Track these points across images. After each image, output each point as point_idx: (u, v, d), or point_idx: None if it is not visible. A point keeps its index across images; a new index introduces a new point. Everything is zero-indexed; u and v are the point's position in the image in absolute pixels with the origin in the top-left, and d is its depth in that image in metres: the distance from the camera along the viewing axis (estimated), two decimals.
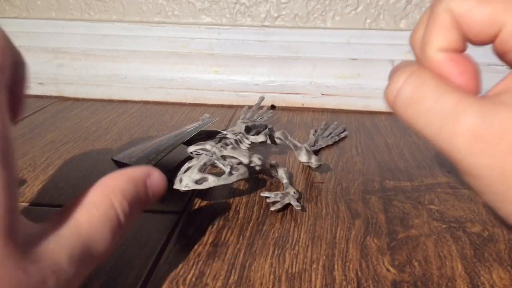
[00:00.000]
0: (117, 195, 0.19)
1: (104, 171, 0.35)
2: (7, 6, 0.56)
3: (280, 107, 0.51)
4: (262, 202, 0.30)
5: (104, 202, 0.19)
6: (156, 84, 0.52)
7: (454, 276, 0.23)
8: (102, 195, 0.19)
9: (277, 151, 0.39)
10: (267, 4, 0.51)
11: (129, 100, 0.53)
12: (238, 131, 0.35)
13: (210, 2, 0.52)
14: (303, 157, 0.34)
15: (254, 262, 0.24)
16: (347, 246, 0.25)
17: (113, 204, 0.19)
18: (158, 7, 0.53)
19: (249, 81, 0.51)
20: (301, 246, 0.26)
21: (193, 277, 0.23)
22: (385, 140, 0.41)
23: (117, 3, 0.54)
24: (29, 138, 0.42)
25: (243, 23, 0.53)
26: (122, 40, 0.53)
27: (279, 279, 0.23)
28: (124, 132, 0.43)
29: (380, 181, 0.33)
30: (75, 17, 0.55)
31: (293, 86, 0.50)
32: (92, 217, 0.18)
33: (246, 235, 0.27)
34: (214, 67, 0.52)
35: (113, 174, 0.20)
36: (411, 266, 0.24)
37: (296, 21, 0.51)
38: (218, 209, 0.30)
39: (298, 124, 0.46)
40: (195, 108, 0.51)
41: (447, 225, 0.28)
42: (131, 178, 0.20)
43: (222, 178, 0.28)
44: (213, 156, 0.29)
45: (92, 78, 0.53)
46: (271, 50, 0.51)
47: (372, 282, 0.23)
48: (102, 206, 0.19)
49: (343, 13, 0.51)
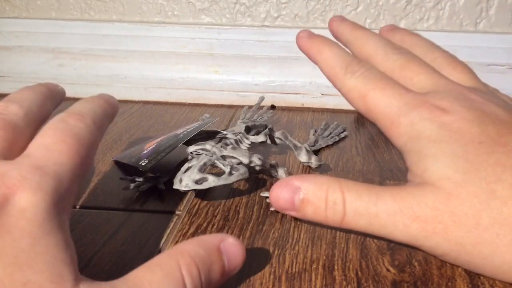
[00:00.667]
0: (185, 257, 0.18)
1: (104, 171, 0.35)
2: (7, 6, 0.56)
3: (280, 107, 0.51)
4: (262, 202, 0.30)
5: (169, 264, 0.18)
6: (156, 84, 0.52)
7: (454, 276, 0.23)
8: (169, 257, 0.18)
9: (277, 151, 0.39)
10: (267, 4, 0.51)
11: (129, 100, 0.53)
12: (238, 131, 0.35)
13: (210, 2, 0.52)
14: (303, 157, 0.34)
15: (254, 262, 0.24)
16: (347, 246, 0.25)
17: (179, 265, 0.18)
18: (158, 7, 0.53)
19: (249, 81, 0.51)
20: (301, 246, 0.26)
21: None
22: (385, 140, 0.41)
23: (117, 3, 0.54)
24: None
25: (243, 23, 0.53)
26: (122, 40, 0.53)
27: (279, 279, 0.23)
28: (124, 132, 0.43)
29: (380, 181, 0.33)
30: (75, 17, 0.55)
31: (293, 86, 0.50)
32: (154, 276, 0.17)
33: (246, 235, 0.27)
34: (214, 67, 0.52)
35: (188, 240, 0.19)
36: (411, 266, 0.24)
37: (296, 21, 0.51)
38: (218, 209, 0.30)
39: (298, 124, 0.46)
40: (195, 108, 0.51)
41: None
42: (201, 242, 0.19)
43: (222, 178, 0.28)
44: (213, 156, 0.29)
45: (92, 78, 0.53)
46: (271, 50, 0.51)
47: (372, 282, 0.23)
48: (167, 267, 0.18)
49: (343, 13, 0.51)
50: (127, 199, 0.31)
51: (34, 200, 0.17)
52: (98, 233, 0.27)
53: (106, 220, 0.28)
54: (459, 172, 0.22)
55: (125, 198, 0.31)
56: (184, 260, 0.18)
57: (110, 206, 0.30)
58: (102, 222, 0.28)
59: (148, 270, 0.18)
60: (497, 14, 0.49)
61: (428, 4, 0.49)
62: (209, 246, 0.19)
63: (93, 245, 0.26)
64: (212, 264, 0.19)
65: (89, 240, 0.26)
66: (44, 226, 0.17)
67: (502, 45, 0.48)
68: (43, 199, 0.18)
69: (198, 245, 0.19)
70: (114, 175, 0.34)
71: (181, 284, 0.17)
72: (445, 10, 0.50)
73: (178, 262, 0.18)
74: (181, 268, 0.18)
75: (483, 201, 0.21)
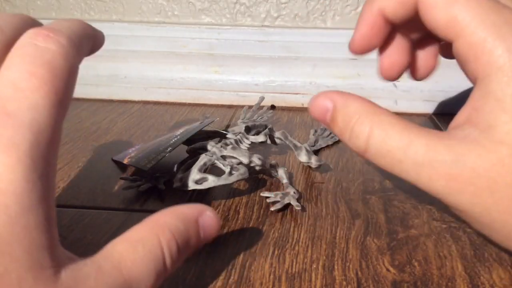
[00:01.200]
0: (166, 234, 0.18)
1: (104, 171, 0.35)
2: (7, 6, 0.56)
3: (280, 107, 0.51)
4: (262, 202, 0.30)
5: (151, 240, 0.17)
6: (156, 84, 0.52)
7: (454, 276, 0.23)
8: (150, 232, 0.18)
9: (277, 151, 0.39)
10: (267, 4, 0.51)
11: (129, 100, 0.53)
12: (238, 131, 0.35)
13: (210, 2, 0.52)
14: (303, 157, 0.34)
15: (254, 262, 0.24)
16: (347, 246, 0.25)
17: (160, 243, 0.17)
18: (158, 7, 0.53)
19: (249, 81, 0.51)
20: (301, 246, 0.26)
21: (193, 277, 0.23)
22: None
23: (117, 3, 0.54)
24: None
25: (243, 23, 0.53)
26: (122, 40, 0.53)
27: (279, 279, 0.23)
28: (124, 132, 0.43)
29: (380, 181, 0.33)
30: (75, 17, 0.55)
31: (293, 86, 0.50)
32: (136, 255, 0.17)
33: (246, 235, 0.27)
34: (214, 67, 0.52)
35: (164, 210, 0.19)
36: (411, 266, 0.24)
37: (296, 21, 0.51)
38: (218, 209, 0.30)
39: (298, 124, 0.46)
40: (195, 108, 0.51)
41: (447, 225, 0.28)
42: (182, 215, 0.19)
43: (222, 178, 0.28)
44: (213, 156, 0.29)
45: (92, 78, 0.53)
46: (271, 50, 0.51)
47: (372, 282, 0.23)
48: (149, 244, 0.17)
49: (343, 13, 0.51)
50: (127, 199, 0.31)
51: (9, 163, 0.14)
52: (98, 233, 0.27)
53: (106, 220, 0.28)
54: None
55: (125, 198, 0.31)
56: (164, 236, 0.18)
57: (110, 206, 0.30)
58: (102, 222, 0.28)
59: (131, 247, 0.17)
60: None
61: None
62: (189, 220, 0.19)
63: (93, 245, 0.26)
64: (189, 238, 0.19)
65: (89, 240, 0.26)
66: (23, 200, 0.14)
67: None
68: (19, 161, 0.15)
69: (178, 219, 0.19)
70: (114, 175, 0.34)
71: (162, 262, 0.17)
72: None
73: (159, 238, 0.18)
74: (162, 245, 0.17)
75: None
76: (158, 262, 0.17)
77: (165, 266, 0.18)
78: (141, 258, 0.17)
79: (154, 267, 0.17)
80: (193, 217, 0.19)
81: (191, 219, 0.19)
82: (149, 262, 0.17)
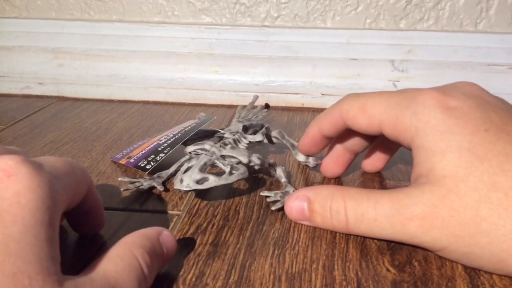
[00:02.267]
0: (137, 248, 0.21)
1: (104, 171, 0.35)
2: (7, 6, 0.56)
3: (280, 107, 0.51)
4: (262, 202, 0.30)
5: (127, 254, 0.20)
6: (156, 84, 0.52)
7: (454, 276, 0.23)
8: (124, 249, 0.21)
9: (276, 150, 0.39)
10: (267, 4, 0.51)
11: (129, 100, 0.53)
12: (235, 131, 0.35)
13: (210, 2, 0.52)
14: (300, 156, 0.34)
15: (254, 262, 0.24)
16: (347, 246, 0.25)
17: (135, 255, 0.20)
18: (158, 7, 0.53)
19: (249, 81, 0.51)
20: (301, 246, 0.26)
21: (193, 277, 0.23)
22: None
23: (117, 3, 0.54)
24: (29, 138, 0.42)
25: (243, 23, 0.53)
26: (122, 40, 0.53)
27: (279, 279, 0.23)
28: (124, 132, 0.43)
29: (380, 181, 0.33)
30: (75, 17, 0.55)
31: (293, 86, 0.50)
32: (118, 267, 0.19)
33: (246, 235, 0.27)
34: (214, 67, 0.52)
35: (130, 234, 0.22)
36: (411, 266, 0.24)
37: (296, 21, 0.51)
38: (218, 209, 0.30)
39: (298, 124, 0.46)
40: (195, 108, 0.51)
41: None
42: (145, 235, 0.22)
43: (223, 178, 0.28)
44: (213, 156, 0.29)
45: (92, 78, 0.53)
46: (271, 50, 0.51)
47: (372, 282, 0.23)
48: (126, 257, 0.20)
49: (343, 13, 0.51)
50: (127, 199, 0.31)
51: (31, 185, 0.17)
52: (98, 233, 0.27)
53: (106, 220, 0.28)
54: (462, 167, 0.22)
55: (125, 198, 0.31)
56: (137, 250, 0.21)
57: (110, 206, 0.30)
58: None
59: (111, 262, 0.20)
60: (497, 14, 0.49)
61: (428, 4, 0.49)
62: (152, 237, 0.22)
63: (93, 245, 0.26)
64: (156, 253, 0.22)
65: (89, 240, 0.26)
66: (37, 216, 0.17)
67: (502, 45, 0.48)
68: (39, 186, 0.17)
69: (144, 237, 0.22)
70: (114, 175, 0.34)
71: (140, 270, 0.20)
72: (445, 10, 0.49)
73: (133, 252, 0.20)
74: (137, 257, 0.20)
75: (483, 194, 0.21)
76: (137, 270, 0.20)
77: (144, 274, 0.20)
78: (123, 268, 0.20)
79: (135, 275, 0.20)
80: (155, 236, 0.22)
81: (154, 237, 0.22)
82: (129, 271, 0.20)
